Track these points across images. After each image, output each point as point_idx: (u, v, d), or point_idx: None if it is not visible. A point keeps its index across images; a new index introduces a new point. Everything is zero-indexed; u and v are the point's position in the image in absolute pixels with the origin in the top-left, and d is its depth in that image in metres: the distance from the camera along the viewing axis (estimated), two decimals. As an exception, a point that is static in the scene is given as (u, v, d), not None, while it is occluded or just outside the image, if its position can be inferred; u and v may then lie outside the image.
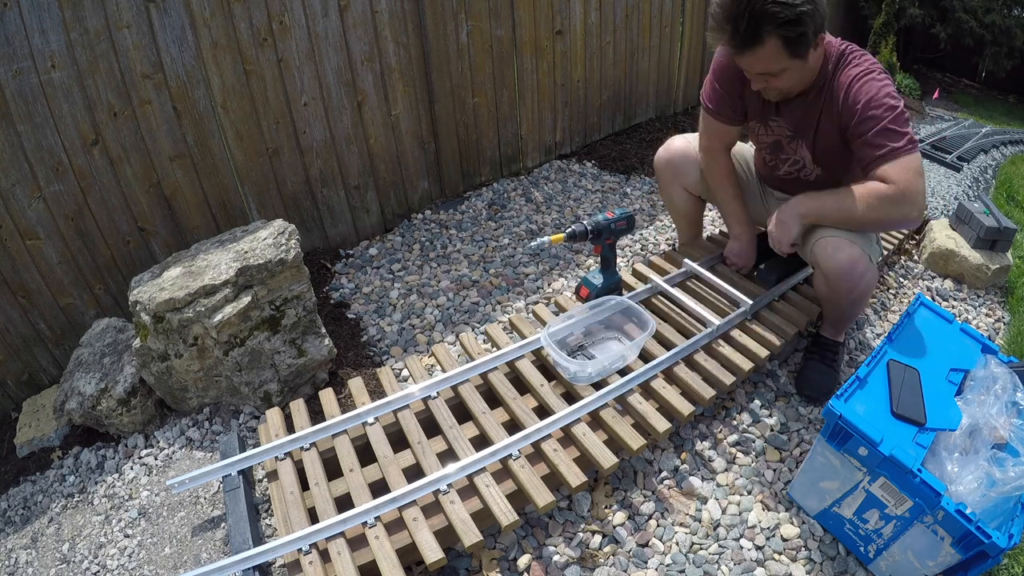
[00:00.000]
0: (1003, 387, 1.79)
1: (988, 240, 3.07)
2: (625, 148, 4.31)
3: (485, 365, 2.16)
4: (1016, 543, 1.50)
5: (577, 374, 2.07)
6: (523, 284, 2.97)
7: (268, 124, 2.77)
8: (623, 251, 3.25)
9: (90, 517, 2.05)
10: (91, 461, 2.23)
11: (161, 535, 1.95)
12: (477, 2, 3.27)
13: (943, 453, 1.68)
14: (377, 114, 3.10)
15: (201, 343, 2.16)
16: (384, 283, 2.97)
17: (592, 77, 4.10)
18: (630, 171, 4.07)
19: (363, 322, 2.74)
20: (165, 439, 2.26)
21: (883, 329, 2.74)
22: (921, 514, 1.61)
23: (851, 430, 1.68)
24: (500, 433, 1.94)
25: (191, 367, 2.20)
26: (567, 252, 3.21)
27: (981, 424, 1.71)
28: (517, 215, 3.52)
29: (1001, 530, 1.51)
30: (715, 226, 3.52)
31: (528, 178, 3.89)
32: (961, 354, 1.98)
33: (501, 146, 3.76)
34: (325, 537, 1.69)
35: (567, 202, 3.68)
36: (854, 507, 1.78)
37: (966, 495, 1.58)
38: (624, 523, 1.92)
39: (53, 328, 2.52)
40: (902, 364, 1.89)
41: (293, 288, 2.26)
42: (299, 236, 2.36)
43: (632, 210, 3.54)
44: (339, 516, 1.72)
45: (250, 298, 2.15)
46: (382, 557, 1.64)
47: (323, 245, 3.17)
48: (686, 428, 2.20)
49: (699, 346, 2.23)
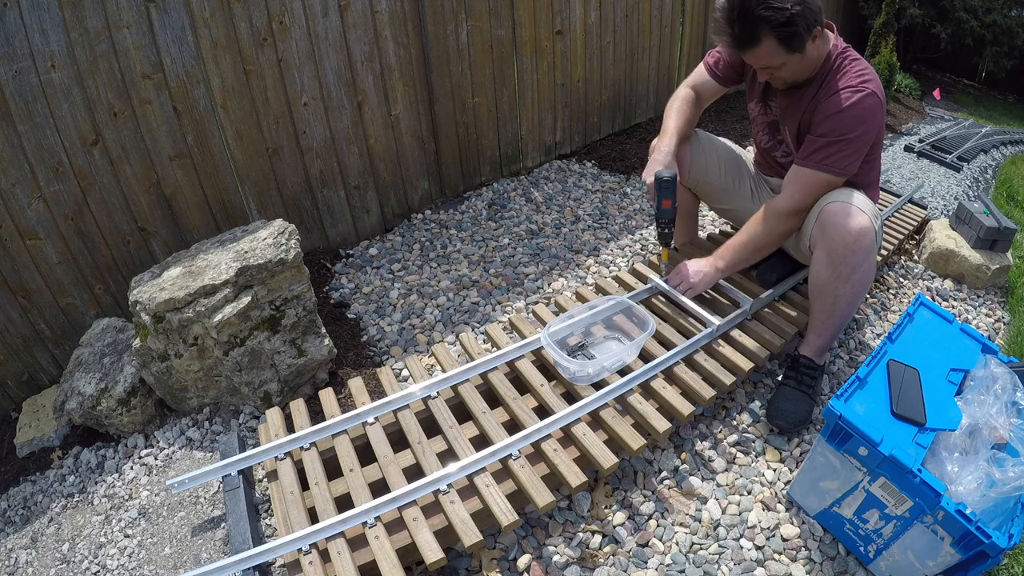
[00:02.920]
0: (1003, 387, 1.79)
1: (988, 240, 3.07)
2: (625, 148, 4.31)
3: (485, 365, 2.16)
4: (1016, 543, 1.50)
5: (577, 374, 2.07)
6: (523, 284, 2.97)
7: (268, 124, 2.77)
8: (623, 251, 3.25)
9: (90, 517, 2.05)
10: (91, 461, 2.23)
11: (161, 535, 1.95)
12: (477, 2, 3.27)
13: (943, 453, 1.68)
14: (377, 114, 3.10)
15: (201, 343, 2.16)
16: (384, 283, 2.97)
17: (592, 77, 4.10)
18: (630, 171, 4.07)
19: (363, 322, 2.74)
20: (165, 439, 2.26)
21: (883, 329, 2.74)
22: (921, 514, 1.61)
23: (851, 430, 1.68)
24: (500, 433, 1.94)
25: (191, 367, 2.20)
26: (567, 252, 3.21)
27: (981, 424, 1.71)
28: (517, 215, 3.52)
29: (1001, 530, 1.51)
30: (714, 226, 3.52)
31: (528, 178, 3.89)
32: (961, 354, 1.98)
33: (501, 146, 3.76)
34: (325, 537, 1.69)
35: (567, 202, 3.68)
36: (854, 507, 1.78)
37: (966, 495, 1.58)
38: (624, 523, 1.92)
39: (53, 328, 2.52)
40: (902, 364, 1.89)
41: (293, 288, 2.26)
42: (299, 236, 2.36)
43: (633, 209, 3.54)
44: (339, 516, 1.71)
45: (250, 298, 2.15)
46: (382, 557, 1.64)
47: (323, 245, 3.17)
48: (686, 428, 2.20)
49: (699, 346, 2.23)
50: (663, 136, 2.32)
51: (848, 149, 2.00)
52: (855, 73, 2.03)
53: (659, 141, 2.32)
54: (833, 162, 2.02)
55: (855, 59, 2.08)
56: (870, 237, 2.01)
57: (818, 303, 2.16)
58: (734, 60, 2.35)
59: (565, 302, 2.46)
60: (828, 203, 2.05)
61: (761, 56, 1.97)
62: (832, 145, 2.01)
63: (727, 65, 2.36)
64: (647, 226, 3.50)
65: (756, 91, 2.35)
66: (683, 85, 2.46)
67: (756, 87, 2.34)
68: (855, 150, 2.01)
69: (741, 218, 2.60)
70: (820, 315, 2.17)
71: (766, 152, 2.46)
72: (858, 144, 2.01)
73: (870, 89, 1.98)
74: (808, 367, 2.24)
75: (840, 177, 2.05)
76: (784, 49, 1.94)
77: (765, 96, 2.31)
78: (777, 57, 1.96)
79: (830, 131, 2.01)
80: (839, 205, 2.02)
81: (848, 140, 1.99)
